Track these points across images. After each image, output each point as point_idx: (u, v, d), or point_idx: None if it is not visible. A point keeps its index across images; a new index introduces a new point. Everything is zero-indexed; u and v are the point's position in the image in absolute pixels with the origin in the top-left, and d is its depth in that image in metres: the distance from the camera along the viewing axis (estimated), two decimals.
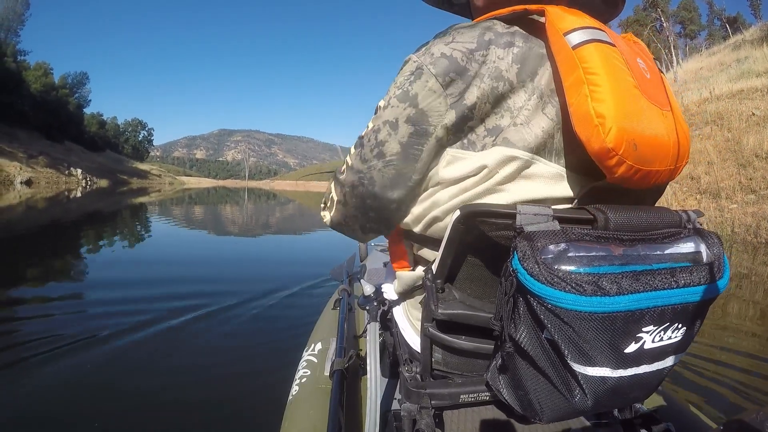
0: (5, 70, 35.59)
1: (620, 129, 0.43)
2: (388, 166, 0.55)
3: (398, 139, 0.53)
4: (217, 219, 11.18)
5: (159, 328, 2.51)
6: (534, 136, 0.50)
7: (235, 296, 3.16)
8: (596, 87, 0.44)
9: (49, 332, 2.37)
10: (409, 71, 0.53)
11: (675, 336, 0.44)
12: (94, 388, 1.80)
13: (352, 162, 0.58)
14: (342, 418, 0.86)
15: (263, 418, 1.47)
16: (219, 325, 2.63)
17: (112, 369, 1.98)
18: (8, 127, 34.43)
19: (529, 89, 0.50)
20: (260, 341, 2.41)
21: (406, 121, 0.52)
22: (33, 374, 1.89)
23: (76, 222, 8.73)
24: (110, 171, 46.36)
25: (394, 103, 0.53)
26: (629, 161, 0.45)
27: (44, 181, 27.80)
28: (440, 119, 0.51)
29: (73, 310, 2.86)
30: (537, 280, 0.40)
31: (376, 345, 0.85)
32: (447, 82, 0.50)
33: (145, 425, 1.56)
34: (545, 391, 0.47)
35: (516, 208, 0.45)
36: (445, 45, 0.51)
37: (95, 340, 2.31)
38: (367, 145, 0.56)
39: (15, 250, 5.12)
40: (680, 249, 0.46)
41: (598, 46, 0.46)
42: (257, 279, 3.85)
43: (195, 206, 15.78)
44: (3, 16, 42.03)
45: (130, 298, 3.09)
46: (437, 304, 0.58)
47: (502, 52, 0.50)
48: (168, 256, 5.25)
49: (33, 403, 1.67)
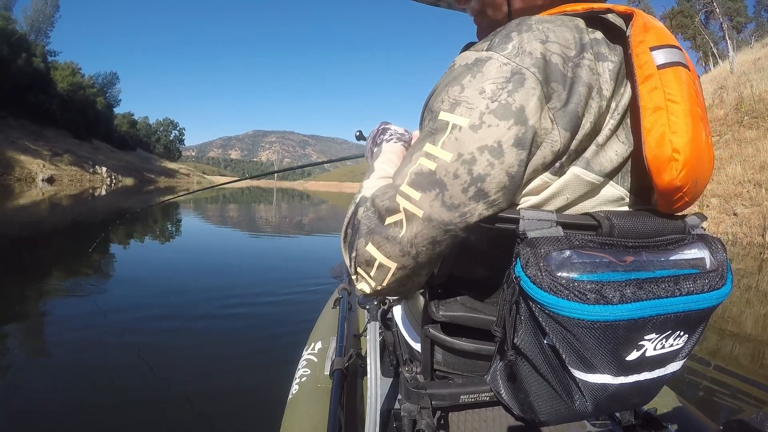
0: (34, 70, 36.19)
1: (691, 168, 0.42)
2: (492, 207, 0.43)
3: (506, 169, 0.41)
4: (225, 218, 11.17)
5: (158, 327, 2.52)
6: (609, 160, 0.45)
7: (234, 296, 3.17)
8: (675, 117, 0.41)
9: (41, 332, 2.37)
10: (501, 76, 0.41)
11: (677, 344, 0.44)
12: (94, 386, 1.81)
13: (424, 211, 0.43)
14: (342, 417, 0.86)
15: (263, 416, 1.48)
16: (218, 324, 2.63)
17: (112, 369, 1.99)
18: (36, 126, 35.00)
19: (612, 108, 0.45)
20: (260, 340, 2.42)
21: (516, 144, 0.40)
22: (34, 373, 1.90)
23: (81, 222, 8.73)
24: (137, 169, 46.46)
25: (491, 121, 0.40)
26: (687, 198, 0.44)
27: (67, 178, 27.97)
28: (547, 138, 0.42)
29: (74, 310, 2.86)
30: (539, 287, 0.40)
31: (376, 344, 0.85)
32: (549, 94, 0.41)
33: (146, 423, 1.57)
34: (546, 395, 0.47)
35: (519, 213, 0.44)
36: (541, 43, 0.42)
37: (96, 340, 2.32)
38: (453, 185, 0.42)
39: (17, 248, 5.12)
40: (684, 256, 0.46)
41: (680, 70, 0.43)
42: (257, 278, 3.86)
43: (210, 204, 15.83)
44: (32, 18, 43.15)
45: (129, 299, 3.09)
46: (438, 306, 0.58)
47: (600, 65, 0.44)
48: (169, 255, 5.25)
49: (33, 401, 1.68)
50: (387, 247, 0.46)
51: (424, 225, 0.44)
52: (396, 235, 0.45)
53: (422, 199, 0.43)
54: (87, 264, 4.26)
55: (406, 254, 0.46)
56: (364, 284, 0.50)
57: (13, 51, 33.22)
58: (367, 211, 0.49)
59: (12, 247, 5.00)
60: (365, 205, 0.50)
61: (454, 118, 0.42)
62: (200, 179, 74.71)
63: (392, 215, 0.45)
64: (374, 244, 0.47)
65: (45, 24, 44.49)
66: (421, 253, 0.45)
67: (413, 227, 0.44)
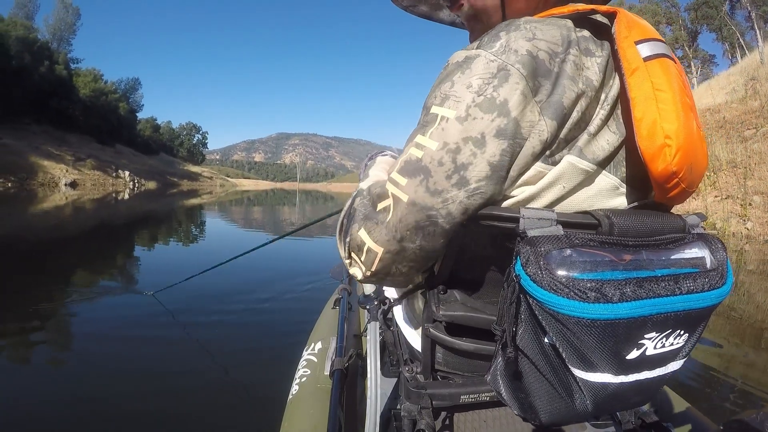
0: (57, 77, 36.82)
1: (685, 153, 0.43)
2: (474, 195, 0.45)
3: (487, 158, 0.43)
4: (236, 220, 11.18)
5: (158, 327, 2.52)
6: (601, 149, 0.47)
7: (234, 295, 3.17)
8: (665, 105, 0.43)
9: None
10: (488, 72, 0.43)
11: (677, 342, 0.44)
12: (94, 386, 1.81)
13: (409, 196, 0.46)
14: (342, 417, 0.86)
15: (263, 417, 1.48)
16: (218, 324, 2.63)
17: (112, 368, 1.99)
18: (59, 132, 35.53)
19: (601, 99, 0.47)
20: (260, 340, 2.42)
21: (497, 135, 0.43)
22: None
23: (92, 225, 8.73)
24: (159, 173, 46.63)
25: (476, 114, 0.43)
26: (683, 185, 0.45)
27: (90, 182, 28.18)
28: (533, 129, 0.44)
29: (70, 310, 2.86)
30: (539, 285, 0.40)
31: (376, 344, 0.85)
32: (536, 88, 0.43)
33: (146, 423, 1.57)
34: (546, 394, 0.47)
35: (519, 212, 0.44)
36: (528, 41, 0.44)
37: (95, 340, 2.32)
38: (437, 171, 0.45)
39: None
40: (684, 255, 0.46)
41: (666, 61, 0.45)
42: (256, 277, 3.85)
43: (235, 207, 15.89)
44: (54, 27, 43.92)
45: (128, 298, 3.09)
46: (438, 306, 0.58)
47: (587, 60, 0.46)
48: (169, 255, 5.26)
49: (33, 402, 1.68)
50: (376, 231, 0.49)
51: (408, 209, 0.46)
52: (384, 220, 0.48)
53: (408, 185, 0.46)
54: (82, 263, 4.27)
55: (392, 239, 0.48)
56: (357, 269, 0.53)
57: (35, 59, 33.82)
58: (363, 199, 0.53)
59: (27, 248, 5.01)
60: (362, 194, 0.54)
61: (443, 110, 0.45)
62: (223, 182, 74.50)
63: (382, 201, 0.49)
64: (366, 230, 0.50)
65: (67, 32, 45.28)
66: (406, 238, 0.48)
67: (398, 211, 0.47)
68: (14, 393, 1.71)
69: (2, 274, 3.69)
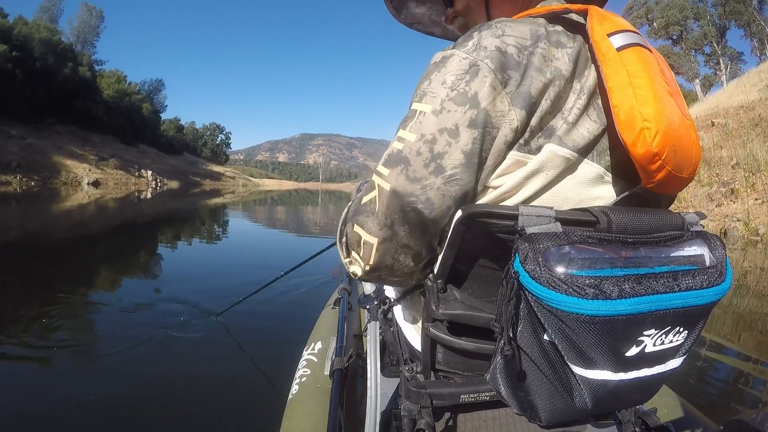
0: (81, 78, 37.20)
1: (665, 134, 0.43)
2: (450, 182, 0.48)
3: (461, 147, 0.47)
4: (251, 218, 11.18)
5: (158, 327, 2.52)
6: (581, 137, 0.48)
7: (234, 295, 3.16)
8: (641, 90, 0.44)
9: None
10: (460, 69, 0.47)
11: (676, 340, 0.44)
12: (97, 386, 1.81)
13: (391, 184, 0.49)
14: (342, 417, 0.86)
15: (263, 417, 1.48)
16: (217, 324, 2.63)
17: (111, 368, 1.99)
18: (83, 132, 35.89)
19: (577, 89, 0.49)
20: (260, 340, 2.42)
21: (470, 125, 0.46)
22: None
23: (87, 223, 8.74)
24: (182, 173, 46.64)
25: (450, 107, 0.47)
26: (668, 167, 0.45)
27: (113, 182, 28.29)
28: (504, 119, 0.46)
29: (70, 309, 2.86)
30: (538, 282, 0.40)
31: (376, 344, 0.85)
32: (505, 80, 0.46)
33: (146, 424, 1.57)
34: (545, 393, 0.47)
35: (518, 209, 0.45)
36: (496, 38, 0.47)
37: (95, 339, 2.32)
38: (416, 161, 0.48)
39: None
40: (683, 252, 0.46)
41: (640, 50, 0.47)
42: (256, 277, 3.85)
43: (259, 206, 15.90)
44: (78, 30, 44.61)
45: (127, 297, 3.09)
46: (438, 305, 0.58)
47: (557, 51, 0.48)
48: (168, 255, 5.26)
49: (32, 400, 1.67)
50: (368, 223, 0.52)
51: (391, 196, 0.49)
52: (373, 210, 0.51)
53: (390, 174, 0.50)
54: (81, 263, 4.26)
55: (384, 226, 0.51)
56: (356, 266, 0.56)
57: (58, 60, 34.13)
58: (351, 201, 0.56)
59: (41, 248, 5.01)
60: (351, 198, 0.58)
61: (420, 106, 0.49)
62: (246, 182, 74.23)
63: (369, 193, 0.52)
64: (359, 224, 0.53)
65: (90, 35, 45.78)
66: (396, 222, 0.50)
67: (384, 200, 0.50)
68: (25, 393, 1.71)
69: (15, 269, 3.69)
